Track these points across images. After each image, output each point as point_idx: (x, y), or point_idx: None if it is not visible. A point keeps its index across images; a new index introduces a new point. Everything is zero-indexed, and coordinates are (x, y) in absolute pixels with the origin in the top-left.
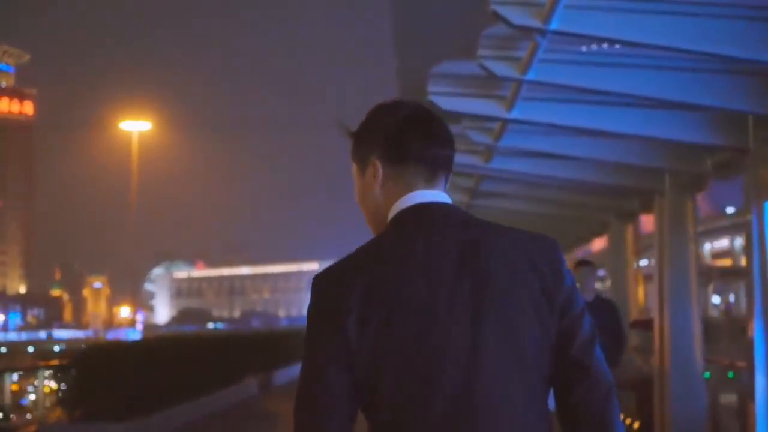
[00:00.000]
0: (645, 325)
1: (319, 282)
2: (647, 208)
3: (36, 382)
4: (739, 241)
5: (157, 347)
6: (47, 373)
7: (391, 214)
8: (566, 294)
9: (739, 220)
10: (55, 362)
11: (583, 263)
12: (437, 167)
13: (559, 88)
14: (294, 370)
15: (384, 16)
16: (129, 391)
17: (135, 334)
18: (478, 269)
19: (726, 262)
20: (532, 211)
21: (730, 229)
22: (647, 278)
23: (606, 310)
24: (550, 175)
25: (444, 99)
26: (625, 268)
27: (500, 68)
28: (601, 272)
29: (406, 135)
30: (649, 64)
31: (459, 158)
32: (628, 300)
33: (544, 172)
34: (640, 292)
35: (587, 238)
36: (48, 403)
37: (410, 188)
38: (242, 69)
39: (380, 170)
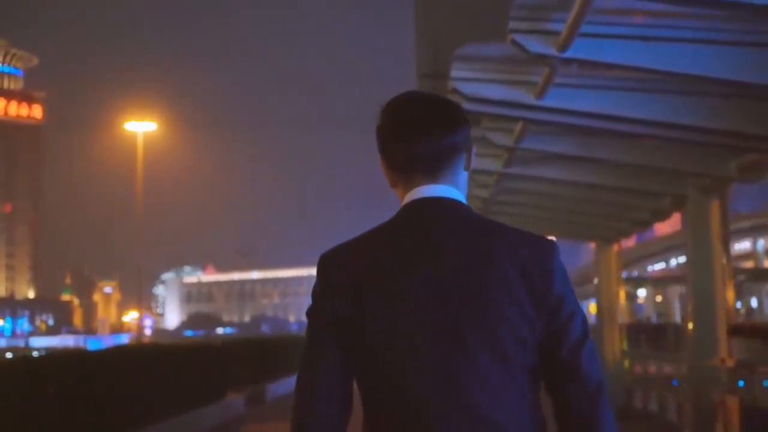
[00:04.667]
0: (751, 331)
1: (321, 261)
2: (751, 174)
3: None
4: None
5: (111, 359)
6: None
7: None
8: (556, 297)
9: None
10: None
11: None
12: (433, 161)
13: None
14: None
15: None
16: (64, 418)
17: (122, 341)
18: (459, 268)
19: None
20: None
21: None
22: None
23: None
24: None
25: None
26: (711, 258)
27: None
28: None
29: (389, 134)
30: None
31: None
32: (715, 299)
33: (607, 110)
34: (729, 290)
35: (647, 221)
36: None
37: (410, 185)
38: (250, 68)
39: (386, 170)
